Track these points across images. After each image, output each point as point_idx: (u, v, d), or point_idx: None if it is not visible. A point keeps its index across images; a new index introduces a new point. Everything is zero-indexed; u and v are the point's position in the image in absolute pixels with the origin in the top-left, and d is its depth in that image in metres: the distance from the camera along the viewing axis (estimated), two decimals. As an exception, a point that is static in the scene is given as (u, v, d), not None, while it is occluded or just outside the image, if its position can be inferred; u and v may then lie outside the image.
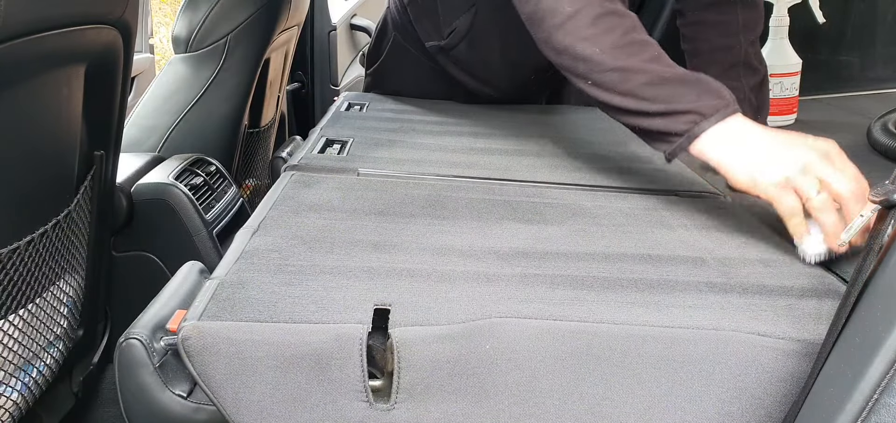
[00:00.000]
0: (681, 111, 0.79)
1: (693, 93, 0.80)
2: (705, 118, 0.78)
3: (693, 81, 0.82)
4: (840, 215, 0.71)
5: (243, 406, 0.58)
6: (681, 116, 0.79)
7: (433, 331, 0.59)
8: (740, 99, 1.08)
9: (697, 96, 0.80)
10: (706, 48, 1.12)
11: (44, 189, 0.97)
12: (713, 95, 0.80)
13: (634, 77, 0.82)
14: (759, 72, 1.11)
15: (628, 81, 0.82)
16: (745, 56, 1.10)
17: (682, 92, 0.80)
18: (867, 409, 0.47)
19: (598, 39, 0.84)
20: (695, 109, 0.79)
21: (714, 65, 1.10)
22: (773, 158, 0.74)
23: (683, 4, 1.17)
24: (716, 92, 0.81)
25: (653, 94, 0.81)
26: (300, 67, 2.64)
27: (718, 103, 0.79)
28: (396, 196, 0.91)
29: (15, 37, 0.78)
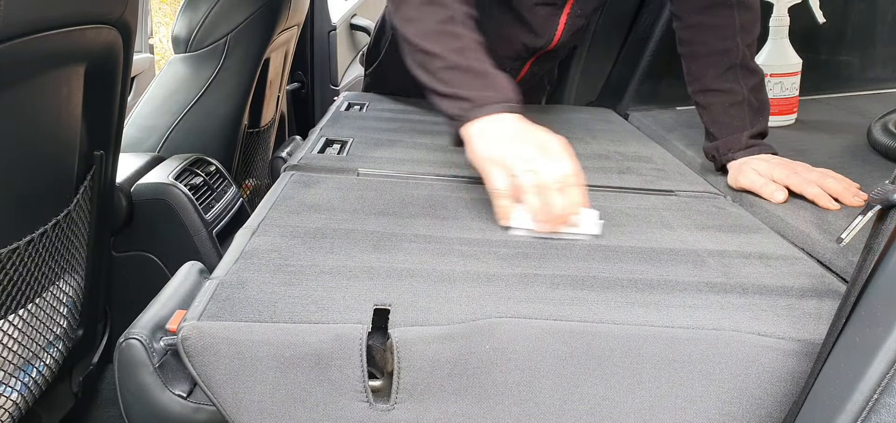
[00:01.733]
0: (460, 97, 0.88)
1: (477, 84, 0.89)
2: (477, 107, 0.87)
3: (483, 75, 0.90)
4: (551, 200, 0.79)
5: (243, 406, 0.58)
6: (459, 101, 0.89)
7: (433, 331, 0.59)
8: (740, 101, 1.08)
9: (481, 88, 0.88)
10: (704, 51, 1.13)
11: (44, 189, 0.97)
12: (495, 91, 0.88)
13: (434, 61, 0.92)
14: (758, 73, 1.12)
15: (430, 64, 0.92)
16: (742, 58, 1.09)
17: (469, 82, 0.89)
18: (867, 409, 0.47)
19: (416, 23, 0.95)
20: (471, 97, 0.88)
21: (712, 68, 1.12)
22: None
23: (679, 8, 1.17)
24: (500, 90, 0.88)
25: (446, 77, 0.91)
26: (300, 67, 2.64)
27: (495, 96, 0.87)
28: (396, 196, 0.91)
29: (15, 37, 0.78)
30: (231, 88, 1.88)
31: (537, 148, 0.81)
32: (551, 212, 0.79)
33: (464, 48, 0.93)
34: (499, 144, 0.84)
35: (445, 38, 0.93)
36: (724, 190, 1.05)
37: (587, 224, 0.81)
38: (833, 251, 0.79)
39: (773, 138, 1.10)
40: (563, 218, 0.79)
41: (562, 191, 0.79)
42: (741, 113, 1.08)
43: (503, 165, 0.82)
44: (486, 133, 0.86)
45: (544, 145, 0.82)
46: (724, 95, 1.10)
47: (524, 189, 0.80)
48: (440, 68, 0.92)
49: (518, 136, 0.84)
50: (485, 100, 0.87)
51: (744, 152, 1.05)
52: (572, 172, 0.81)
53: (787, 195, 0.96)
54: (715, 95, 1.11)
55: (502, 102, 0.87)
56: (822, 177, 0.96)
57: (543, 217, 0.79)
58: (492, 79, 0.90)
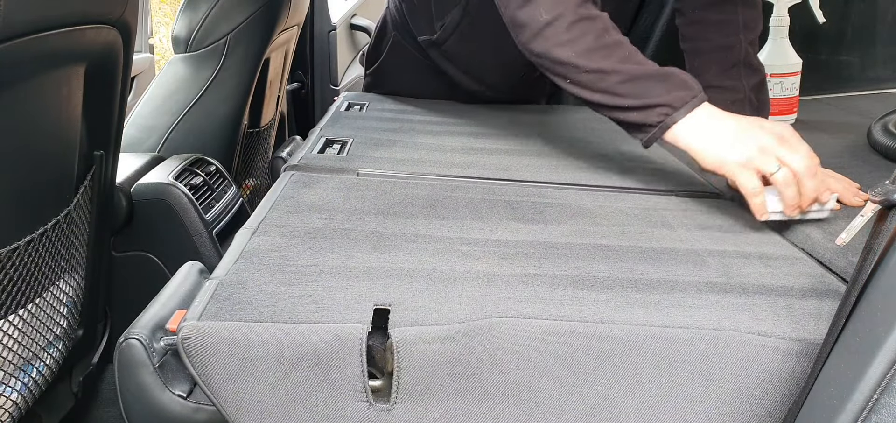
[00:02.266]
0: (653, 105, 0.88)
1: (663, 87, 0.88)
2: (676, 110, 0.87)
3: (663, 76, 0.89)
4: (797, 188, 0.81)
5: (243, 406, 0.58)
6: (653, 109, 0.88)
7: (433, 331, 0.59)
8: (741, 99, 1.09)
9: (668, 90, 0.88)
10: (706, 48, 1.13)
11: (43, 189, 0.97)
12: (682, 88, 0.88)
13: (609, 77, 0.90)
14: (760, 72, 1.12)
15: (603, 81, 0.90)
16: (745, 56, 1.10)
17: (654, 87, 0.88)
18: (867, 409, 0.47)
19: (573, 44, 0.92)
20: (666, 101, 0.87)
21: (714, 64, 1.12)
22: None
23: (683, 3, 1.17)
24: (684, 84, 0.88)
25: (627, 90, 0.89)
26: (300, 67, 2.64)
27: (686, 95, 0.87)
28: (396, 196, 0.91)
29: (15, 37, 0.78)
30: (231, 88, 1.88)
31: (777, 139, 0.82)
32: (806, 200, 0.81)
33: (630, 55, 0.92)
34: (736, 145, 0.83)
35: (611, 51, 0.91)
36: (725, 190, 1.05)
37: (831, 201, 0.84)
38: (833, 251, 0.79)
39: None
40: (814, 200, 0.82)
41: (813, 175, 0.81)
42: (742, 111, 1.08)
43: (752, 167, 0.82)
44: (705, 135, 0.86)
45: (780, 135, 0.83)
46: (726, 92, 1.09)
47: (781, 184, 0.81)
48: (617, 83, 0.90)
49: (746, 131, 0.84)
50: (681, 101, 0.87)
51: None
52: (815, 158, 0.82)
53: None
54: (716, 92, 1.10)
55: (697, 96, 0.87)
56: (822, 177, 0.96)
57: (799, 205, 0.81)
58: (674, 77, 0.89)
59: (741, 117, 0.87)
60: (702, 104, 0.87)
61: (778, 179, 0.81)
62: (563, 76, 0.95)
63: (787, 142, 0.83)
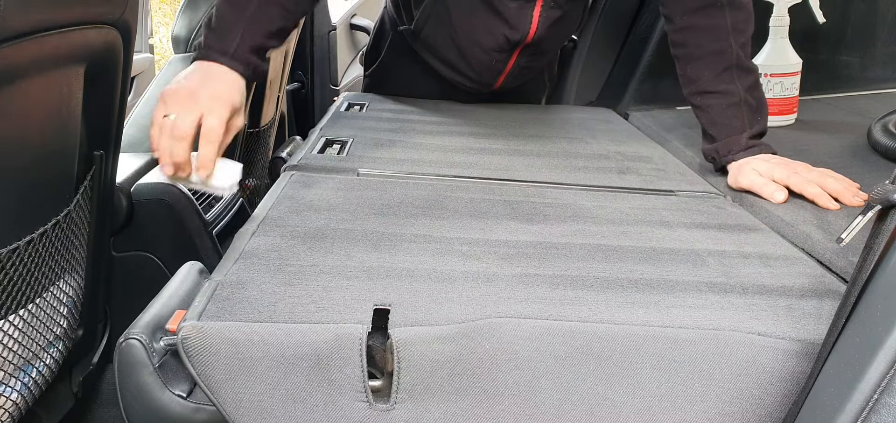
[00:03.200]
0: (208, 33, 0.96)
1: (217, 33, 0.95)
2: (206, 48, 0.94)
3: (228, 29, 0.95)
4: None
5: (243, 407, 0.58)
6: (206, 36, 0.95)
7: (433, 331, 0.59)
8: (737, 102, 1.08)
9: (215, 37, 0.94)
10: (698, 54, 1.12)
11: (44, 189, 0.97)
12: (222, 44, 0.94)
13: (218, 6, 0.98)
14: (753, 72, 1.11)
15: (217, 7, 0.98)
16: (737, 59, 1.09)
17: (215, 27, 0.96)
18: (867, 409, 0.47)
19: None
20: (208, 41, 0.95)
21: (707, 70, 1.11)
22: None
23: (671, 10, 1.16)
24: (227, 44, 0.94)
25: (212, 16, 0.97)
26: (300, 67, 2.63)
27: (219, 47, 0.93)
28: (396, 196, 0.91)
29: (15, 37, 0.78)
30: (231, 88, 1.88)
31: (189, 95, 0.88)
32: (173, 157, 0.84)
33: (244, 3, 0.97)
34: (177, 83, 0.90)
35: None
36: (724, 190, 1.05)
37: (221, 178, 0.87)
38: (833, 251, 0.79)
39: (772, 138, 1.10)
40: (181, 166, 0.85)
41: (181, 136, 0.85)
42: (740, 113, 1.08)
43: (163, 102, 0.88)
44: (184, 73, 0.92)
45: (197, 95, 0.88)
46: (722, 96, 1.09)
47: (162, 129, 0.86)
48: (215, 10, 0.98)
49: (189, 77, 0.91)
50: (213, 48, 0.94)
51: (744, 153, 1.05)
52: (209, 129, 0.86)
53: (787, 195, 0.96)
54: (712, 96, 1.10)
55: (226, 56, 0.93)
56: (822, 177, 0.96)
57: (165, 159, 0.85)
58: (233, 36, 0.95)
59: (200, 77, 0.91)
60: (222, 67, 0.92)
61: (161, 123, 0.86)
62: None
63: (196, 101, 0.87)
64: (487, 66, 1.39)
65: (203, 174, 0.84)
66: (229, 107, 0.89)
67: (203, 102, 0.87)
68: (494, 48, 1.34)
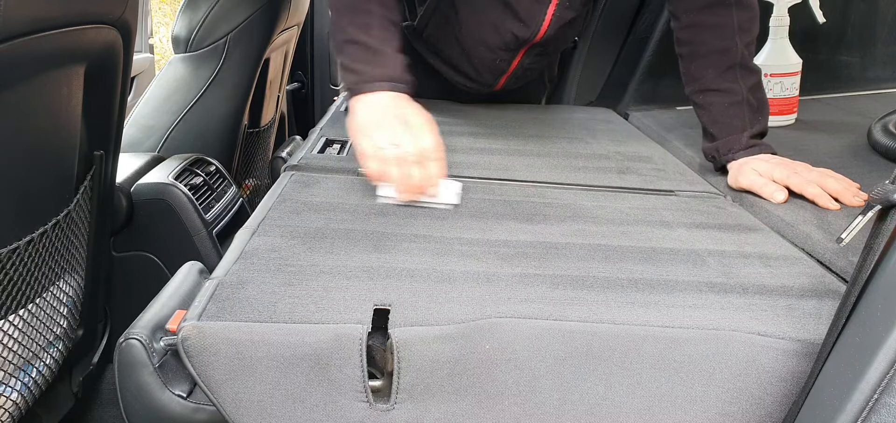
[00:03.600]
0: (354, 70, 0.98)
1: (370, 61, 0.98)
2: (364, 82, 0.96)
3: (378, 53, 0.98)
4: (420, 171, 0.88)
5: (243, 406, 0.58)
6: (352, 74, 0.98)
7: (433, 331, 0.59)
8: (739, 101, 1.08)
9: (370, 65, 0.97)
10: (703, 51, 1.13)
11: (44, 189, 0.97)
12: (383, 68, 0.97)
13: (343, 33, 1.01)
14: (756, 73, 1.11)
15: (339, 35, 1.02)
16: (741, 58, 1.10)
17: (364, 57, 0.98)
18: (867, 409, 0.47)
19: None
20: (361, 72, 0.97)
21: (711, 68, 1.11)
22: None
23: (677, 7, 1.17)
24: (388, 67, 0.97)
25: (348, 50, 1.00)
26: (300, 67, 2.64)
27: (381, 73, 0.96)
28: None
29: (15, 36, 0.78)
30: (231, 88, 1.88)
31: (401, 122, 0.90)
32: (410, 183, 0.87)
33: (369, 24, 1.00)
34: (368, 115, 0.93)
35: (357, 15, 1.01)
36: (724, 190, 1.05)
37: (446, 194, 0.89)
38: (833, 251, 0.79)
39: (772, 138, 1.10)
40: (422, 188, 0.87)
41: (420, 164, 0.87)
42: (741, 113, 1.08)
43: (368, 136, 0.90)
44: (363, 106, 0.95)
45: (407, 121, 0.90)
46: (724, 94, 1.10)
47: (387, 160, 0.87)
48: (343, 41, 1.01)
49: (387, 109, 0.93)
50: (371, 76, 0.96)
51: (744, 152, 1.05)
52: (432, 147, 0.89)
53: (787, 195, 0.96)
54: (714, 94, 1.11)
55: (387, 81, 0.96)
56: (822, 177, 0.96)
57: (403, 188, 0.87)
58: (385, 57, 0.98)
59: (405, 104, 0.94)
60: (390, 91, 0.95)
61: (385, 155, 0.88)
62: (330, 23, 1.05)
63: (411, 127, 0.90)
64: (490, 66, 1.39)
65: (433, 191, 0.88)
66: (433, 123, 0.92)
67: (415, 125, 0.90)
68: (500, 47, 1.33)
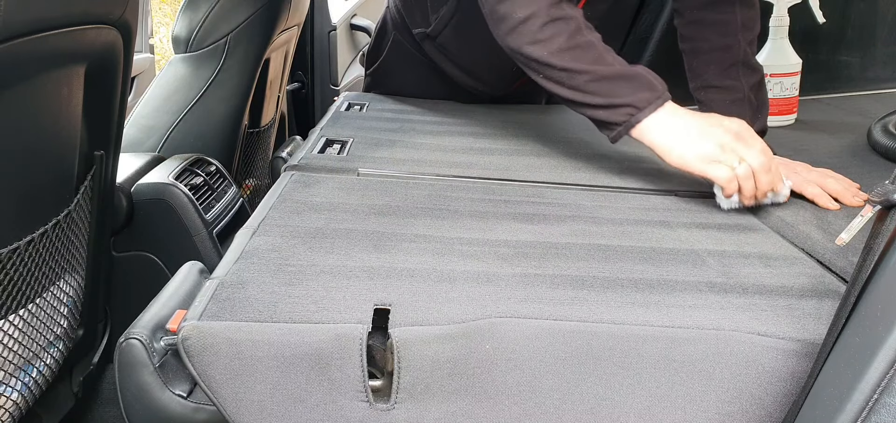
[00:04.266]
0: (619, 105, 0.93)
1: (629, 88, 0.93)
2: (640, 110, 0.92)
3: (630, 77, 0.94)
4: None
5: (243, 406, 0.58)
6: (619, 109, 0.93)
7: (433, 331, 0.59)
8: (740, 99, 1.09)
9: (633, 91, 0.93)
10: (705, 48, 1.13)
11: (44, 189, 0.97)
12: (647, 89, 0.93)
13: (578, 77, 0.95)
14: (758, 71, 1.12)
15: (574, 79, 0.96)
16: (744, 56, 1.10)
17: (621, 87, 0.94)
18: (867, 409, 0.47)
19: (546, 44, 0.97)
20: (631, 102, 0.93)
21: (713, 65, 1.12)
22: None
23: (681, 4, 1.17)
24: (650, 85, 0.94)
25: (595, 89, 0.94)
26: (300, 67, 2.64)
27: (651, 96, 0.93)
28: (396, 196, 0.91)
29: (15, 37, 0.78)
30: (231, 88, 1.88)
31: (734, 136, 0.89)
32: (761, 191, 0.89)
33: (600, 56, 0.96)
34: (699, 143, 0.90)
35: (582, 52, 0.96)
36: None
37: (786, 189, 0.93)
38: (833, 251, 0.79)
39: (772, 138, 1.10)
40: (774, 189, 0.90)
41: (768, 169, 0.89)
42: (742, 111, 1.09)
43: (719, 161, 0.88)
44: (668, 134, 0.92)
45: (737, 133, 0.90)
46: (725, 92, 1.10)
47: (741, 178, 0.88)
48: (586, 81, 0.95)
49: (707, 130, 0.90)
50: (645, 101, 0.92)
51: None
52: (769, 153, 0.90)
53: (787, 196, 0.96)
54: (716, 91, 1.11)
55: (660, 96, 0.93)
56: (821, 177, 0.97)
57: (753, 197, 0.89)
58: (641, 77, 0.95)
59: (702, 116, 0.93)
60: (665, 104, 0.93)
61: (739, 174, 0.88)
62: (536, 72, 1.00)
63: (743, 139, 0.89)
64: (504, 74, 1.38)
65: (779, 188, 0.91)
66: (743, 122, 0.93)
67: (743, 134, 0.90)
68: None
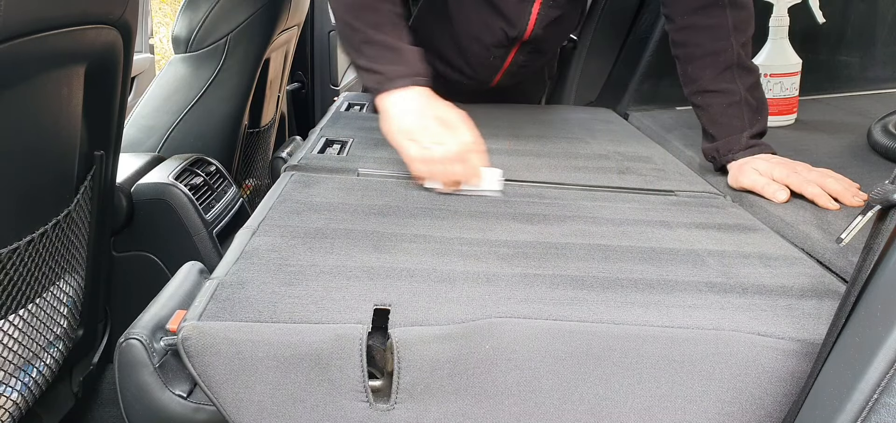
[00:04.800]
0: (376, 71, 1.00)
1: (389, 60, 0.99)
2: (388, 81, 0.98)
3: (395, 50, 1.00)
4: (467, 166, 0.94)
5: (243, 406, 0.58)
6: (375, 75, 1.00)
7: (433, 331, 0.59)
8: (737, 101, 1.08)
9: (391, 63, 0.99)
10: (698, 53, 1.13)
11: (44, 189, 0.97)
12: (403, 65, 0.99)
13: (355, 35, 1.02)
14: (754, 72, 1.11)
15: (352, 37, 1.03)
16: (737, 58, 1.10)
17: (383, 56, 1.00)
18: (867, 409, 0.47)
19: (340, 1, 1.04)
20: (383, 72, 0.99)
21: (708, 69, 1.11)
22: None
23: (671, 9, 1.16)
24: (407, 64, 0.99)
25: (365, 50, 1.01)
26: (300, 67, 2.64)
27: (403, 72, 0.98)
28: (396, 196, 0.91)
29: (15, 36, 0.78)
30: (231, 88, 1.88)
31: (440, 122, 0.94)
32: (454, 178, 0.93)
33: (381, 23, 1.02)
34: (408, 119, 0.95)
35: (366, 13, 1.02)
36: (724, 190, 1.05)
37: (489, 182, 0.96)
38: (833, 251, 0.79)
39: (772, 138, 1.10)
40: (466, 181, 0.94)
41: (462, 160, 0.93)
42: (740, 113, 1.08)
43: (413, 138, 0.94)
44: (396, 107, 0.97)
45: (445, 119, 0.94)
46: (722, 95, 1.09)
47: (433, 161, 0.93)
48: (360, 42, 1.02)
49: (423, 111, 0.96)
50: (395, 73, 0.98)
51: (744, 153, 1.06)
52: (471, 142, 0.94)
53: (788, 195, 0.97)
54: (712, 96, 1.11)
55: (410, 77, 0.98)
56: (821, 177, 0.97)
57: (448, 183, 0.94)
58: (403, 54, 1.00)
59: (436, 102, 0.97)
60: (411, 86, 0.97)
61: (430, 156, 0.93)
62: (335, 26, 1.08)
63: (449, 126, 0.94)
64: (485, 63, 1.39)
65: (476, 182, 0.95)
66: (468, 118, 0.96)
67: (453, 123, 0.94)
68: (493, 44, 1.34)
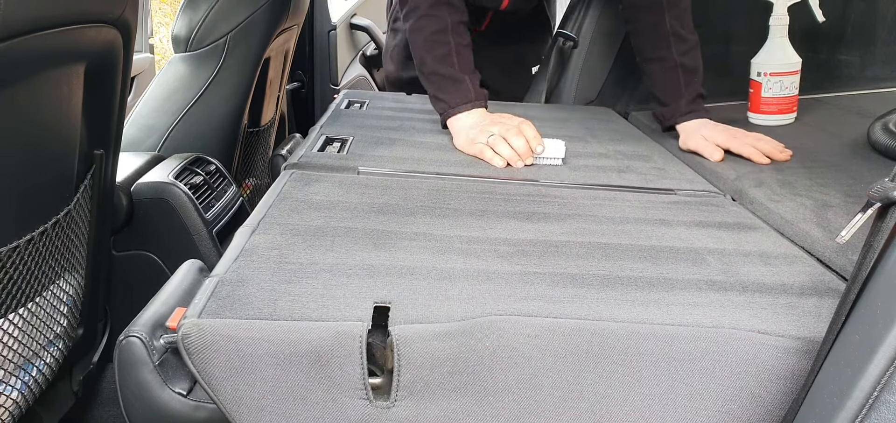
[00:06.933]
0: (441, 99, 1.24)
1: (452, 90, 1.23)
2: (451, 108, 1.22)
3: (457, 81, 1.23)
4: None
5: (243, 404, 0.58)
6: (440, 102, 1.24)
7: (433, 329, 0.59)
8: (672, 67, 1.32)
9: (453, 94, 1.22)
10: (640, 27, 1.37)
11: (44, 188, 0.97)
12: (462, 95, 1.22)
13: (424, 66, 1.26)
14: (689, 40, 1.32)
15: (423, 67, 1.26)
16: (671, 28, 1.31)
17: (445, 86, 1.23)
18: (867, 406, 0.47)
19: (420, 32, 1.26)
20: (446, 100, 1.23)
21: (648, 41, 1.36)
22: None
23: None
24: (465, 93, 1.22)
25: (433, 81, 1.25)
26: (300, 67, 2.64)
27: (462, 100, 1.21)
28: (396, 194, 0.91)
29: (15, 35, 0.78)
30: (231, 88, 1.88)
31: (493, 122, 1.15)
32: (520, 150, 1.09)
33: (446, 57, 1.23)
34: (470, 133, 1.15)
35: (436, 48, 1.24)
36: (725, 189, 1.05)
37: (554, 150, 1.12)
38: (833, 249, 0.79)
39: (773, 136, 1.11)
40: (529, 152, 1.10)
41: (521, 133, 1.11)
42: (675, 77, 1.31)
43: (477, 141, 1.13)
44: (459, 123, 1.19)
45: (499, 121, 1.15)
46: (659, 62, 1.33)
47: (496, 143, 1.10)
48: (429, 73, 1.25)
49: (481, 120, 1.18)
50: (455, 101, 1.21)
51: (685, 117, 1.28)
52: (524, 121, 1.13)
53: (723, 155, 1.16)
54: (651, 63, 1.35)
55: (469, 103, 1.21)
56: (756, 140, 1.17)
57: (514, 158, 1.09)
58: (463, 84, 1.22)
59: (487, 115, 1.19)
60: (471, 109, 1.20)
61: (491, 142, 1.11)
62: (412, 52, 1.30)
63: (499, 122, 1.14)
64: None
65: (539, 150, 1.11)
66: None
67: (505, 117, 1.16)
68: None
